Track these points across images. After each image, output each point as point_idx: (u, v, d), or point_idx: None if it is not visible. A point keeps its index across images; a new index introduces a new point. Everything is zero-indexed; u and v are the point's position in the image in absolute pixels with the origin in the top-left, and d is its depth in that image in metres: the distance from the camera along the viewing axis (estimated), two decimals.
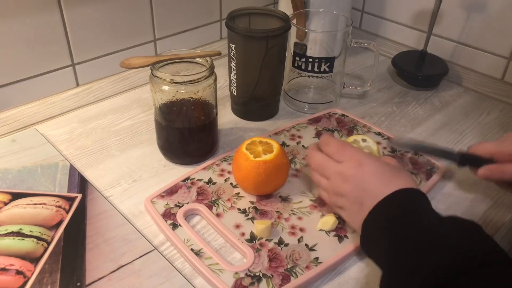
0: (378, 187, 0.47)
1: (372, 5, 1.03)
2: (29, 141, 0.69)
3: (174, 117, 0.63)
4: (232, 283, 0.48)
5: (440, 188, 0.64)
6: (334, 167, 0.51)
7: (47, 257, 0.51)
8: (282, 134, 0.71)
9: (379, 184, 0.48)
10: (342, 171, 0.50)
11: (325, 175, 0.53)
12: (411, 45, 0.99)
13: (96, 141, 0.71)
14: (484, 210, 0.61)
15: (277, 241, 0.53)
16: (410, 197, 0.47)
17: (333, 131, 0.73)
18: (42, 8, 0.70)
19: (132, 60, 0.61)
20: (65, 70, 0.77)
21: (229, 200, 0.59)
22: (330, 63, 0.76)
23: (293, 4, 0.82)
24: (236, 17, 0.71)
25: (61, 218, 0.56)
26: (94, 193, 0.61)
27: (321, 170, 0.53)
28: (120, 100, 0.81)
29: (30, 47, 0.72)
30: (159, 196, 0.59)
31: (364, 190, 0.48)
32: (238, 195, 0.60)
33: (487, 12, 0.84)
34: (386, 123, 0.78)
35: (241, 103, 0.76)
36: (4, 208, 0.57)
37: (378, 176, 0.48)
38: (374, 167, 0.49)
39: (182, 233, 0.54)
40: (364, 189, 0.48)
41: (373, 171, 0.49)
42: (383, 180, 0.48)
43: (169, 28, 0.88)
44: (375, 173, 0.49)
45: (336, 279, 0.51)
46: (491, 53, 0.87)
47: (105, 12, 0.77)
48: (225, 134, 0.73)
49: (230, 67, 0.72)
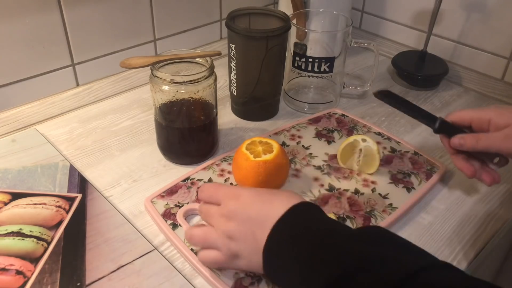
0: (261, 210, 0.45)
1: (372, 5, 1.03)
2: (29, 141, 0.69)
3: (174, 117, 0.63)
4: (232, 283, 0.48)
5: (440, 188, 0.64)
6: (215, 211, 0.48)
7: (47, 257, 0.51)
8: (282, 134, 0.71)
9: (261, 207, 0.45)
10: (223, 211, 0.47)
11: (212, 225, 0.48)
12: (411, 45, 0.99)
13: (96, 141, 0.71)
14: (484, 210, 0.61)
15: None
16: (304, 208, 0.45)
17: (333, 131, 0.73)
18: (42, 8, 0.70)
19: (132, 60, 0.61)
20: (65, 70, 0.78)
21: None
22: (330, 63, 0.76)
23: (293, 4, 0.82)
24: (236, 17, 0.71)
25: (61, 218, 0.56)
26: (94, 193, 0.61)
27: (208, 221, 0.49)
28: (120, 100, 0.81)
29: (30, 47, 0.72)
30: (159, 196, 0.59)
31: (250, 219, 0.45)
32: None
33: (487, 12, 0.84)
34: (386, 123, 0.78)
35: (241, 103, 0.76)
36: (4, 208, 0.57)
37: (257, 200, 0.46)
38: (251, 194, 0.47)
39: (182, 233, 0.54)
40: (250, 217, 0.45)
41: (250, 197, 0.46)
42: (264, 202, 0.45)
43: (169, 28, 0.88)
44: (253, 199, 0.46)
45: None
46: (491, 53, 0.87)
47: (105, 12, 0.77)
48: (225, 134, 0.73)
49: (230, 67, 0.72)
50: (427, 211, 0.61)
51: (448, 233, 0.58)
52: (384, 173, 0.64)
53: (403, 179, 0.63)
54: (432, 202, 0.62)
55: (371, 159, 0.63)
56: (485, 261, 0.61)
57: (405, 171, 0.64)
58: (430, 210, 0.61)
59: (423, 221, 0.59)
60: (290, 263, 0.41)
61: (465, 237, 0.57)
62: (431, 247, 0.55)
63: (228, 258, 0.46)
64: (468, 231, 0.58)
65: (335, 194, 0.60)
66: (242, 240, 0.45)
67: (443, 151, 0.70)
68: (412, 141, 0.72)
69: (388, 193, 0.61)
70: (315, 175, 0.63)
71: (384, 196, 0.60)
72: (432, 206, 0.61)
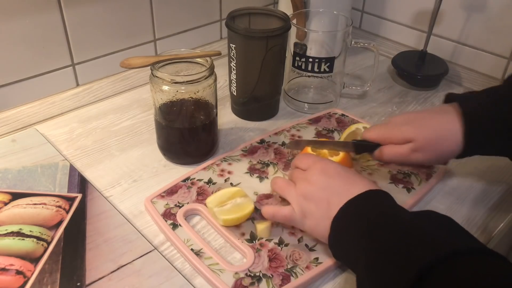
0: (342, 185, 0.49)
1: (372, 5, 1.03)
2: (29, 141, 0.69)
3: (174, 117, 0.63)
4: (232, 283, 0.48)
5: (440, 188, 0.64)
6: (300, 174, 0.53)
7: (47, 257, 0.51)
8: (282, 134, 0.71)
9: (343, 182, 0.50)
10: (307, 175, 0.52)
11: (292, 181, 0.54)
12: (411, 45, 0.99)
13: (96, 141, 0.71)
14: (484, 210, 0.61)
15: (277, 241, 0.53)
16: (380, 195, 0.48)
17: (333, 131, 0.73)
18: (42, 8, 0.70)
19: (132, 60, 0.61)
20: (65, 70, 0.78)
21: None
22: (330, 63, 0.76)
23: (293, 4, 0.82)
24: (236, 17, 0.71)
25: (61, 218, 0.56)
26: (94, 193, 0.61)
27: (292, 181, 0.54)
28: (120, 100, 0.81)
29: (30, 47, 0.72)
30: (159, 196, 0.59)
31: (329, 188, 0.49)
32: None
33: (487, 12, 0.84)
34: None
35: (241, 103, 0.76)
36: (4, 208, 0.57)
37: (342, 176, 0.51)
38: (338, 170, 0.51)
39: (182, 233, 0.54)
40: (329, 186, 0.50)
41: (336, 172, 0.51)
42: (347, 179, 0.50)
43: (169, 28, 0.88)
44: (339, 174, 0.51)
45: (336, 279, 0.51)
46: (491, 53, 0.87)
47: (105, 12, 0.77)
48: (225, 134, 0.73)
49: (230, 67, 0.72)
50: None
51: None
52: (384, 173, 0.64)
53: (403, 179, 0.63)
54: (432, 202, 0.62)
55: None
56: None
57: (405, 171, 0.64)
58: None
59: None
60: (356, 240, 0.44)
61: None
62: None
63: (298, 215, 0.51)
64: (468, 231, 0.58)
65: None
66: (316, 203, 0.49)
67: None
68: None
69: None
70: None
71: None
72: (432, 206, 0.61)
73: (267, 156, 0.67)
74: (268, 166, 0.65)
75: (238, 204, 0.54)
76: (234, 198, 0.55)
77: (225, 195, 0.55)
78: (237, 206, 0.54)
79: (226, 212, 0.53)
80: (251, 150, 0.68)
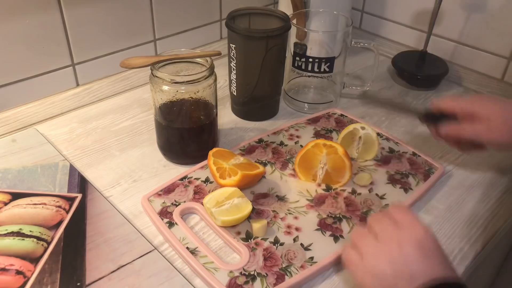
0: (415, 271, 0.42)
1: (372, 5, 1.03)
2: (29, 141, 0.69)
3: (174, 117, 0.63)
4: (227, 281, 0.49)
5: (440, 188, 0.64)
6: (371, 242, 0.45)
7: (47, 257, 0.51)
8: (281, 134, 0.71)
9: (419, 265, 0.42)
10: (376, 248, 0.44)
11: (359, 248, 0.45)
12: (411, 45, 0.99)
13: (96, 141, 0.71)
14: (484, 210, 0.61)
15: (272, 240, 0.54)
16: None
17: (331, 131, 0.73)
18: (42, 8, 0.70)
19: (132, 60, 0.61)
20: (65, 70, 0.78)
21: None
22: (330, 63, 0.76)
23: (293, 4, 0.82)
24: (236, 17, 0.71)
25: (61, 218, 0.56)
26: (94, 193, 0.61)
27: (358, 243, 0.46)
28: (120, 100, 0.81)
29: (30, 47, 0.72)
30: (156, 194, 0.59)
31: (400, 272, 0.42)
32: None
33: (487, 12, 0.84)
34: (386, 123, 0.78)
35: (241, 103, 0.76)
36: (4, 208, 0.57)
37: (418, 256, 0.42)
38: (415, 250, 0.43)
39: (178, 232, 0.54)
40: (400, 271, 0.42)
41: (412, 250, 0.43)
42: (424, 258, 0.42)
43: (169, 28, 0.88)
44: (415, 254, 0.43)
45: (331, 279, 0.51)
46: (491, 53, 0.87)
47: (105, 12, 0.77)
48: (225, 134, 0.73)
49: (230, 67, 0.72)
50: (427, 211, 0.61)
51: (448, 233, 0.58)
52: (381, 173, 0.64)
53: (400, 179, 0.63)
54: (431, 202, 0.62)
55: (370, 145, 0.64)
56: (485, 261, 0.61)
57: (403, 172, 0.64)
58: (429, 210, 0.61)
59: (422, 221, 0.59)
60: None
61: (465, 237, 0.57)
62: None
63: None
64: (468, 231, 0.58)
65: (332, 194, 0.60)
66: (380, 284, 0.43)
67: (443, 152, 0.70)
68: (412, 141, 0.72)
69: (385, 194, 0.61)
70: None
71: (381, 197, 0.60)
72: (431, 206, 0.61)
73: (264, 156, 0.67)
74: (266, 165, 0.65)
75: (236, 204, 0.54)
76: (232, 199, 0.55)
77: (223, 195, 0.55)
78: (235, 206, 0.54)
79: (225, 213, 0.54)
80: (249, 149, 0.68)
